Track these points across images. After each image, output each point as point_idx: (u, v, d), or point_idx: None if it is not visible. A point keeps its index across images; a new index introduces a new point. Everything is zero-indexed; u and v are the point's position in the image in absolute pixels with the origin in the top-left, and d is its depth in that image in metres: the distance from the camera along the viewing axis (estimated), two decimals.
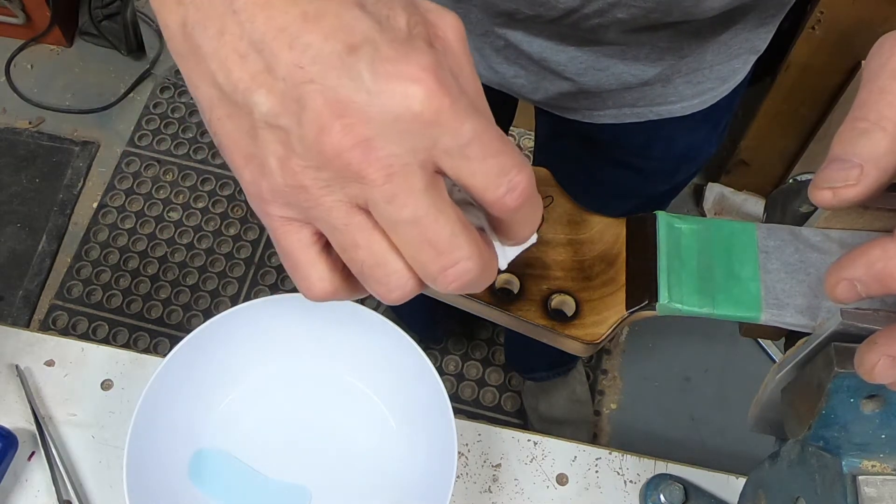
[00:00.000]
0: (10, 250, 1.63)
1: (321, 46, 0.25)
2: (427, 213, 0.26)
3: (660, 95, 0.68)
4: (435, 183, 0.26)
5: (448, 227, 0.26)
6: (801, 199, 0.40)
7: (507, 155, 0.27)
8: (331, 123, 0.25)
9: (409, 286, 0.28)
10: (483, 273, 0.28)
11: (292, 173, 0.26)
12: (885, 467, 0.33)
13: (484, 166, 0.26)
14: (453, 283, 0.27)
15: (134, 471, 0.56)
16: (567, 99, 0.69)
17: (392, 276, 0.28)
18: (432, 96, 0.25)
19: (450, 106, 0.25)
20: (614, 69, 0.64)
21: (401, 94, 0.25)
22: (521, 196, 0.27)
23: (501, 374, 1.55)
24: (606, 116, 0.71)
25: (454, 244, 0.27)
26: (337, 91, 0.25)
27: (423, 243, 0.26)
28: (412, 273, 0.28)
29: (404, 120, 0.25)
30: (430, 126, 0.25)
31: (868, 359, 0.29)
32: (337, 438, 0.64)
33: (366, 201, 0.26)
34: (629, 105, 0.69)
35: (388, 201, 0.26)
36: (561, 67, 0.64)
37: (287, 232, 0.28)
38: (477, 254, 0.27)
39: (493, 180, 0.27)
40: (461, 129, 0.26)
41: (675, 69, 0.65)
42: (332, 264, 0.29)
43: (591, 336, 0.38)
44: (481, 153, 0.26)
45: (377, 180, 0.25)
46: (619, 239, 0.41)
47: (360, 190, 0.26)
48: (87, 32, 1.88)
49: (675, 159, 0.79)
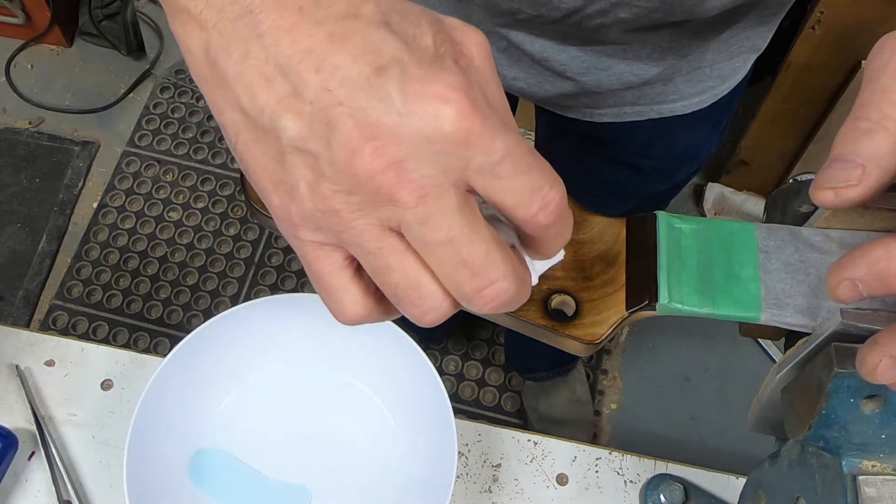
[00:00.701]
0: (10, 250, 1.63)
1: (349, 68, 0.25)
2: (461, 234, 0.26)
3: (660, 94, 0.68)
4: (468, 202, 0.26)
5: (483, 246, 0.26)
6: (801, 199, 0.40)
7: (538, 171, 0.26)
8: (361, 146, 0.25)
9: (444, 307, 0.28)
10: (518, 292, 0.27)
11: (323, 198, 0.26)
12: (885, 467, 0.33)
13: (516, 184, 0.26)
14: (490, 303, 0.27)
15: (134, 471, 0.56)
16: (568, 98, 0.69)
17: (427, 298, 0.27)
18: (463, 116, 0.25)
19: (481, 125, 0.25)
20: (616, 69, 0.64)
21: (432, 115, 0.25)
22: (554, 213, 0.27)
23: (501, 374, 1.55)
24: (607, 115, 0.71)
25: (489, 264, 0.26)
26: (367, 113, 0.25)
27: (458, 264, 0.26)
28: (447, 294, 0.27)
29: (436, 141, 0.25)
30: (462, 146, 0.25)
31: (870, 359, 0.29)
32: (337, 438, 0.64)
33: (398, 223, 0.26)
34: (630, 104, 0.69)
35: (422, 223, 0.25)
36: (562, 67, 0.64)
37: (318, 257, 0.28)
38: (512, 273, 0.27)
39: (526, 198, 0.26)
40: (493, 147, 0.25)
41: (676, 68, 0.65)
42: (365, 287, 0.29)
43: (591, 336, 0.38)
44: (513, 171, 0.26)
45: (410, 202, 0.25)
46: (619, 239, 0.41)
47: (392, 212, 0.26)
48: (87, 32, 1.88)
49: (676, 158, 0.79)
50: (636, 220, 0.41)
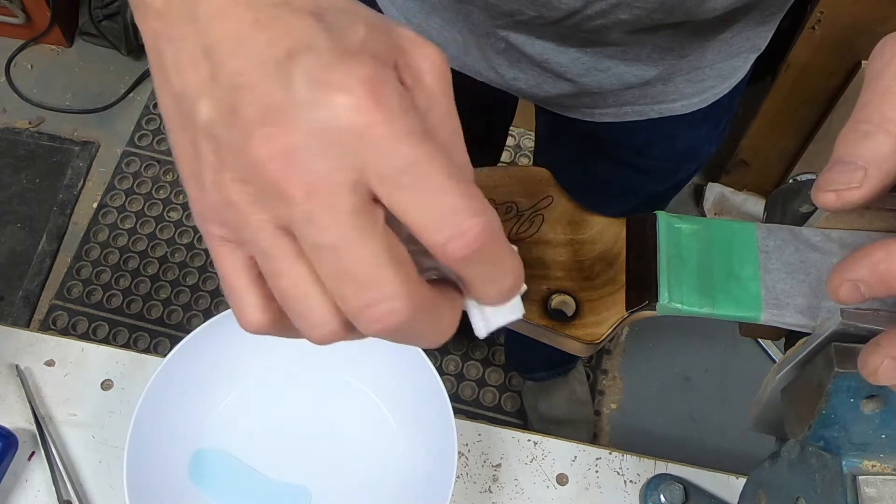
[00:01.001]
0: (10, 250, 1.63)
1: (262, 52, 0.24)
2: (350, 239, 0.23)
3: (660, 94, 0.68)
4: (366, 209, 0.24)
5: (373, 258, 0.23)
6: (801, 199, 0.40)
7: (457, 195, 0.23)
8: (255, 131, 0.23)
9: (333, 324, 0.25)
10: (417, 320, 0.24)
11: (223, 186, 0.25)
12: (885, 467, 0.33)
13: (422, 200, 0.23)
14: (375, 323, 0.24)
15: (134, 471, 0.56)
16: (568, 98, 0.69)
17: (314, 311, 0.25)
18: (362, 110, 0.23)
19: (382, 122, 0.23)
20: (616, 70, 0.64)
21: (329, 104, 0.23)
22: (470, 247, 0.24)
23: (501, 374, 1.55)
24: (607, 115, 0.71)
25: (379, 278, 0.23)
26: (268, 98, 0.23)
27: (343, 273, 0.24)
28: (336, 310, 0.25)
29: (331, 132, 0.23)
30: (359, 142, 0.23)
31: (871, 360, 0.29)
32: (337, 438, 0.64)
33: (289, 222, 0.24)
34: (630, 103, 0.69)
35: (308, 221, 0.23)
36: (562, 69, 0.64)
37: (222, 253, 0.26)
38: (407, 294, 0.24)
39: (435, 221, 0.23)
40: (396, 150, 0.23)
41: (676, 68, 0.65)
42: (269, 293, 0.26)
43: (591, 336, 0.38)
44: (420, 185, 0.23)
45: (297, 196, 0.23)
46: (619, 239, 0.41)
47: (284, 209, 0.24)
48: (87, 32, 1.88)
49: (676, 158, 0.79)
50: (636, 220, 0.41)
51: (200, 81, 0.25)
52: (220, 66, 0.24)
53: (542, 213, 0.41)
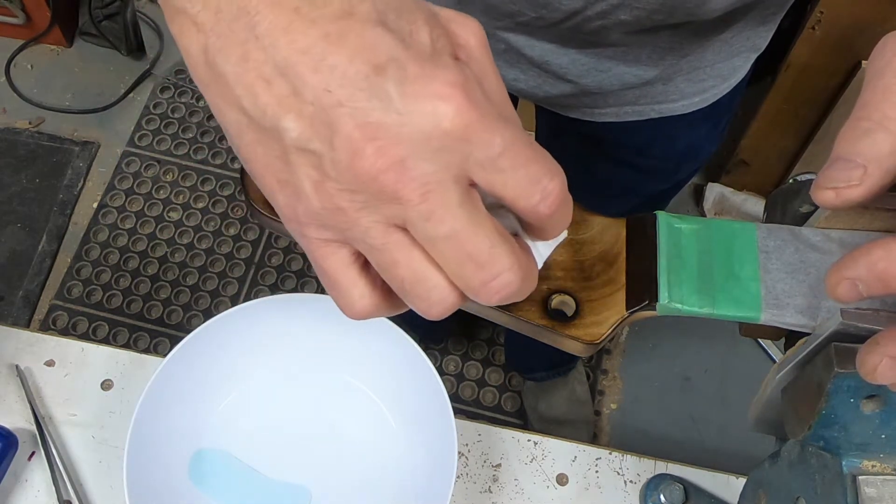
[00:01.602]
0: (10, 250, 1.63)
1: (346, 68, 0.25)
2: (465, 228, 0.26)
3: (661, 93, 0.68)
4: (470, 196, 0.27)
5: (487, 240, 0.26)
6: (801, 199, 0.40)
7: (538, 163, 0.27)
8: (363, 147, 0.25)
9: (451, 300, 0.28)
10: (525, 282, 0.28)
11: (328, 196, 0.26)
12: (885, 467, 0.33)
13: (516, 176, 0.26)
14: (496, 294, 0.27)
15: (134, 471, 0.56)
16: (568, 98, 0.69)
17: (433, 291, 0.28)
18: (461, 112, 0.25)
19: (479, 119, 0.25)
20: (616, 70, 0.64)
21: (430, 113, 0.25)
22: (555, 203, 0.27)
23: (501, 374, 1.55)
24: (608, 115, 0.71)
25: (494, 256, 0.27)
26: (367, 113, 0.25)
27: (463, 258, 0.27)
28: (453, 287, 0.28)
29: (435, 138, 0.25)
30: (462, 142, 0.25)
31: (870, 360, 0.29)
32: (337, 438, 0.64)
33: (403, 220, 0.26)
34: (630, 103, 0.69)
35: (426, 219, 0.26)
36: (563, 70, 0.64)
37: (326, 254, 0.29)
38: (517, 264, 0.27)
39: (527, 189, 0.27)
40: (492, 141, 0.26)
41: (677, 68, 0.65)
42: (372, 282, 0.29)
43: (591, 336, 0.38)
44: (513, 163, 0.26)
45: (413, 200, 0.26)
46: (619, 239, 0.41)
47: (396, 209, 0.26)
48: (87, 32, 1.88)
49: (676, 157, 0.79)
50: (636, 220, 0.41)
51: (281, 98, 0.26)
52: (301, 83, 0.25)
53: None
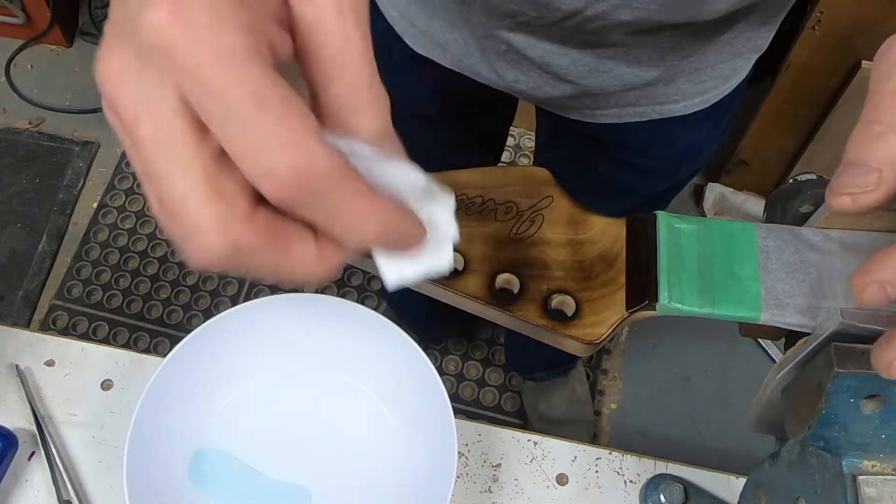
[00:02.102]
0: (10, 250, 1.63)
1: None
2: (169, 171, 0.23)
3: (662, 94, 0.68)
4: (189, 138, 0.23)
5: (190, 192, 0.23)
6: (801, 199, 0.40)
7: (268, 128, 0.21)
8: (99, 53, 0.24)
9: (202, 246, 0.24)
10: (241, 256, 0.24)
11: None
12: (885, 467, 0.33)
13: (233, 132, 0.22)
14: (193, 257, 0.24)
15: (134, 471, 0.56)
16: (569, 100, 0.69)
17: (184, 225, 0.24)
18: (164, 26, 0.21)
19: (186, 42, 0.21)
20: (617, 71, 0.64)
21: (142, 21, 0.22)
22: (281, 189, 0.22)
23: (501, 374, 1.55)
24: (609, 116, 0.71)
25: (192, 213, 0.23)
26: (112, 16, 0.24)
27: (165, 207, 0.23)
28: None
29: (147, 51, 0.22)
30: (167, 62, 0.22)
31: (886, 354, 0.29)
32: (337, 438, 0.64)
33: (126, 147, 0.24)
34: (631, 104, 0.69)
35: (135, 147, 0.23)
36: (563, 71, 0.64)
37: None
38: (222, 230, 0.23)
39: (245, 153, 0.22)
40: (198, 73, 0.21)
41: (678, 69, 0.65)
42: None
43: (592, 336, 0.38)
44: (229, 114, 0.21)
45: (125, 118, 0.23)
46: (619, 239, 0.41)
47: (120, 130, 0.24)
48: (87, 32, 1.87)
49: (677, 157, 0.79)
50: (636, 220, 0.41)
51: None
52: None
53: (542, 213, 0.41)
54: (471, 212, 0.41)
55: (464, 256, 0.40)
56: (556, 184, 0.42)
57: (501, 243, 0.40)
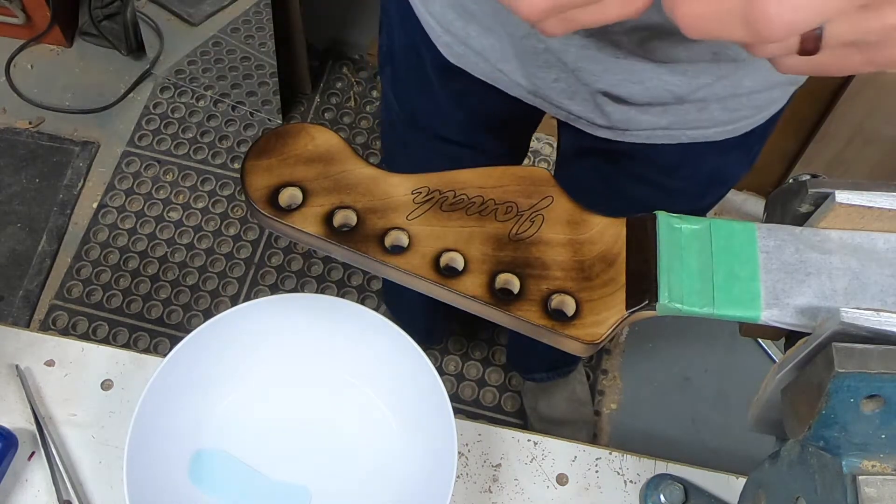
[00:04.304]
0: (10, 250, 1.63)
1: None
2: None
3: (694, 119, 0.66)
4: None
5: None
6: (801, 199, 0.40)
7: None
8: None
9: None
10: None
11: None
12: (885, 467, 0.33)
13: None
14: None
15: (134, 471, 0.56)
16: (597, 113, 0.68)
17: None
18: None
19: None
20: (649, 83, 0.62)
21: None
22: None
23: (501, 374, 1.55)
24: (638, 136, 0.69)
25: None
26: None
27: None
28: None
29: None
30: None
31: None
32: (337, 438, 0.64)
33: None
34: (662, 128, 0.68)
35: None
36: (594, 78, 0.63)
37: None
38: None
39: None
40: None
41: (711, 91, 0.63)
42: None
43: (591, 336, 0.38)
44: None
45: None
46: (619, 239, 0.41)
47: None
48: (87, 32, 1.87)
49: (704, 181, 0.77)
50: (636, 220, 0.41)
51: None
52: None
53: (542, 213, 0.41)
54: (471, 212, 0.41)
55: (464, 256, 0.40)
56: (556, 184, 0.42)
57: (501, 243, 0.40)
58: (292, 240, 0.43)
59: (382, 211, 0.41)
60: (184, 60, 1.78)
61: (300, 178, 0.42)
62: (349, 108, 1.83)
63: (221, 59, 1.74)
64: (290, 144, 0.43)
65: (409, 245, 0.40)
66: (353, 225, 0.41)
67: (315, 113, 1.82)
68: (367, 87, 1.86)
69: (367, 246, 0.40)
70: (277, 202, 0.41)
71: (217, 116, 1.80)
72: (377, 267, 0.41)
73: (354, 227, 0.41)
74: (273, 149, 0.43)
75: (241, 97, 1.78)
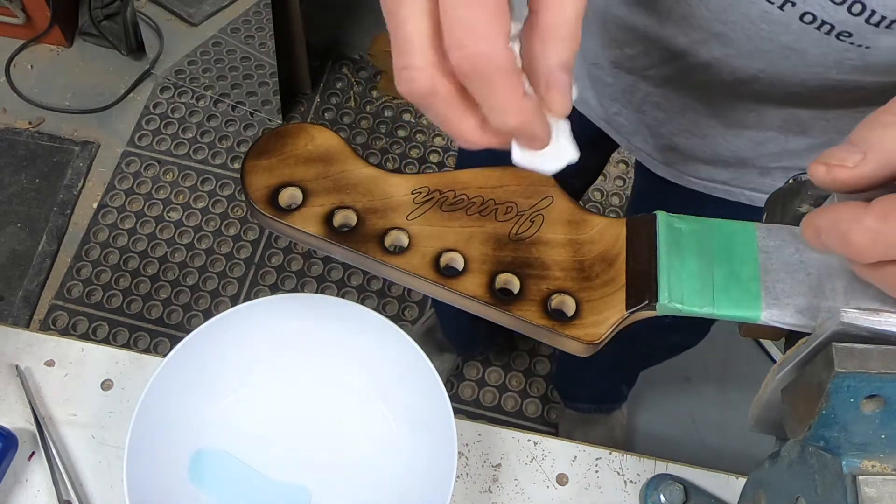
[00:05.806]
0: (10, 250, 1.63)
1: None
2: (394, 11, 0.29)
3: (757, 182, 0.65)
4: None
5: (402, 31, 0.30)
6: (801, 199, 0.39)
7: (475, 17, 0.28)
8: None
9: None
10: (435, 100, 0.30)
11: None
12: (885, 467, 0.33)
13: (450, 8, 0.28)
14: (400, 84, 0.30)
15: (134, 471, 0.56)
16: (660, 153, 0.67)
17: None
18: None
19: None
20: (712, 140, 0.61)
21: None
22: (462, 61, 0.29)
23: (501, 374, 1.55)
24: (695, 184, 0.68)
25: (408, 50, 0.30)
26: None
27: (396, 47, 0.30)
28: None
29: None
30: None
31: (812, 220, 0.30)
32: (337, 438, 0.64)
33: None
34: (722, 182, 0.67)
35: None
36: (656, 123, 0.62)
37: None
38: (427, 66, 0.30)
39: (452, 25, 0.29)
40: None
41: (776, 159, 0.62)
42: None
43: (591, 336, 0.38)
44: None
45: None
46: (619, 239, 0.41)
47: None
48: (87, 32, 1.87)
49: None
50: (636, 220, 0.41)
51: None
52: None
53: (542, 213, 0.41)
54: (471, 212, 0.41)
55: (463, 256, 0.40)
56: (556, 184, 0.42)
57: (501, 243, 0.40)
58: (292, 240, 0.43)
59: (382, 211, 0.41)
60: (184, 60, 1.78)
61: (300, 178, 0.42)
62: (349, 108, 1.83)
63: (221, 59, 1.74)
64: (290, 144, 0.43)
65: (409, 245, 0.40)
66: (353, 225, 0.41)
67: (315, 113, 1.82)
68: (367, 87, 1.86)
69: (367, 246, 0.40)
70: (277, 202, 0.41)
71: (217, 116, 1.80)
72: (377, 267, 0.41)
73: (354, 227, 0.41)
74: (273, 149, 0.43)
75: (241, 97, 1.78)
